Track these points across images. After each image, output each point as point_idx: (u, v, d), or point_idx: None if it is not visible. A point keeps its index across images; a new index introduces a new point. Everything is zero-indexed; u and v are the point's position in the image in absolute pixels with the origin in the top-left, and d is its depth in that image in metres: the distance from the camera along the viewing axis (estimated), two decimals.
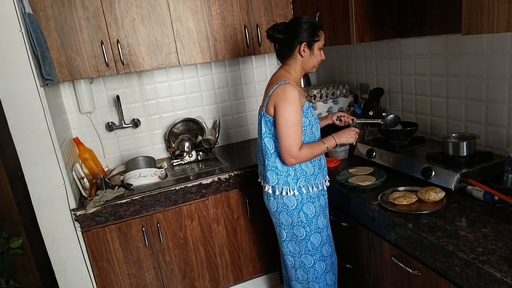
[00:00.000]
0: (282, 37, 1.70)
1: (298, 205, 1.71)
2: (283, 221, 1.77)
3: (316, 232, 1.75)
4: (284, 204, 1.72)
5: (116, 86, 2.58)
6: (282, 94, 1.61)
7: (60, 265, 2.04)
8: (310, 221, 1.73)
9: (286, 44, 1.71)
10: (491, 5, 1.24)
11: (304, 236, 1.75)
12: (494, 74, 1.71)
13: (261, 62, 2.92)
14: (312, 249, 1.77)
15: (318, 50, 1.71)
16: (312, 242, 1.76)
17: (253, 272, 2.49)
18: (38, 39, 1.85)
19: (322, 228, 1.77)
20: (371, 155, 2.05)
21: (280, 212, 1.75)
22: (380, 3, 2.00)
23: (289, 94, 1.60)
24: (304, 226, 1.73)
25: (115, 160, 2.67)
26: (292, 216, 1.73)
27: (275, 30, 1.70)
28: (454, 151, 1.70)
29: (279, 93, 1.62)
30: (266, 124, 1.70)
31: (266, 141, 1.70)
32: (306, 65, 1.73)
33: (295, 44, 1.68)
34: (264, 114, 1.70)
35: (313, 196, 1.72)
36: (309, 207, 1.72)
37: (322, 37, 1.71)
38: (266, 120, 1.69)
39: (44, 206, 1.95)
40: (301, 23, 1.67)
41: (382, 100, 2.38)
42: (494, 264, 1.13)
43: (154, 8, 2.23)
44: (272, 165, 1.71)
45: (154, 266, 2.23)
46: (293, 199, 1.70)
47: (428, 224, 1.40)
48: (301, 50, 1.68)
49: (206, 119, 2.84)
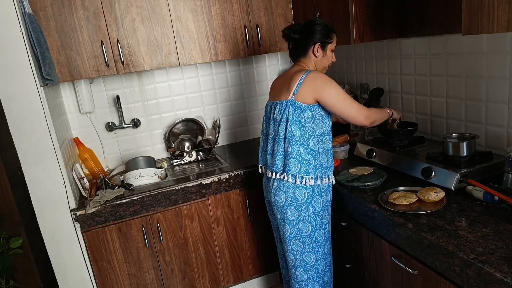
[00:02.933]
0: (298, 37, 1.78)
1: (308, 198, 1.72)
2: (289, 216, 1.77)
3: (320, 228, 1.77)
4: (294, 197, 1.73)
5: (116, 86, 2.58)
6: (319, 79, 1.68)
7: (60, 265, 2.04)
8: (317, 215, 1.75)
9: (301, 44, 1.79)
10: (491, 5, 1.24)
11: (310, 232, 1.76)
12: (494, 74, 1.71)
13: (261, 62, 2.92)
14: (315, 246, 1.78)
15: (331, 52, 1.80)
16: (317, 238, 1.78)
17: (253, 272, 2.49)
18: (38, 39, 1.85)
19: (326, 223, 1.80)
20: (371, 155, 2.05)
21: (288, 206, 1.75)
22: (380, 3, 2.00)
23: (324, 76, 1.69)
24: (311, 220, 1.75)
25: (115, 160, 2.67)
26: (300, 210, 1.74)
27: (291, 30, 1.78)
28: (454, 151, 1.70)
29: (315, 79, 1.68)
30: (294, 111, 1.69)
31: (293, 128, 1.69)
32: (318, 65, 1.81)
33: (309, 44, 1.76)
34: (292, 102, 1.70)
35: (323, 190, 1.76)
36: (318, 201, 1.74)
37: (335, 40, 1.80)
38: (295, 107, 1.69)
39: (44, 206, 1.95)
40: (316, 25, 1.75)
41: (382, 100, 2.38)
42: (494, 264, 1.13)
43: (154, 8, 2.23)
44: (296, 153, 1.70)
45: (154, 266, 2.23)
46: (305, 192, 1.72)
47: (428, 224, 1.40)
48: (315, 50, 1.76)
49: (206, 119, 2.84)
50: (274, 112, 1.79)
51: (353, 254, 1.89)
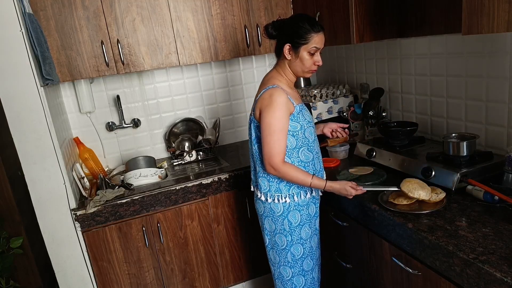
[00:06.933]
0: (275, 34, 1.61)
1: (284, 212, 1.65)
2: (267, 227, 1.73)
3: (298, 243, 1.68)
4: (271, 209, 1.67)
5: (116, 86, 2.58)
6: (268, 99, 1.53)
7: (60, 265, 2.04)
8: (293, 230, 1.66)
9: (277, 43, 1.63)
10: (491, 5, 1.24)
11: (285, 246, 1.69)
12: (494, 74, 1.71)
13: (261, 62, 2.92)
14: (291, 261, 1.70)
15: (308, 54, 1.55)
16: (293, 253, 1.69)
17: (253, 272, 2.49)
18: (38, 39, 1.85)
19: (305, 239, 1.69)
20: (371, 155, 2.05)
21: (265, 216, 1.71)
22: (380, 3, 2.00)
23: (274, 99, 1.51)
24: (286, 235, 1.67)
25: (115, 160, 2.67)
26: (276, 223, 1.68)
27: (270, 25, 1.62)
28: (454, 151, 1.70)
29: (266, 97, 1.55)
30: (255, 129, 1.63)
31: (257, 147, 1.64)
32: (294, 69, 1.61)
33: (281, 43, 1.59)
34: (252, 119, 1.64)
35: (302, 204, 1.65)
36: (295, 215, 1.65)
37: (314, 41, 1.53)
38: (254, 125, 1.63)
39: (44, 206, 1.95)
40: (293, 23, 1.55)
41: (382, 100, 2.38)
42: (494, 264, 1.13)
43: (154, 8, 2.23)
44: (263, 171, 1.64)
45: (154, 266, 2.23)
46: (280, 206, 1.65)
47: (428, 224, 1.40)
48: (285, 51, 1.57)
49: (206, 119, 2.84)
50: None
51: (353, 254, 1.89)
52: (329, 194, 1.87)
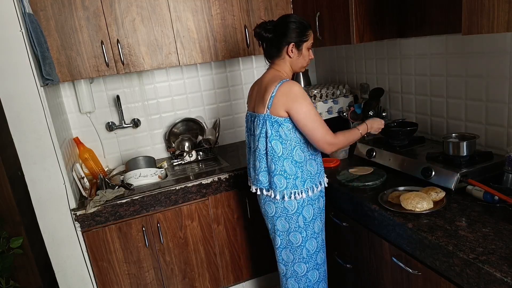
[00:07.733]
0: (270, 36, 1.65)
1: (298, 208, 1.67)
2: (279, 227, 1.74)
3: (312, 238, 1.73)
4: (284, 208, 1.69)
5: (116, 86, 2.58)
6: (291, 93, 1.56)
7: (60, 265, 2.04)
8: (307, 225, 1.70)
9: (274, 44, 1.66)
10: (491, 5, 1.24)
11: (300, 243, 1.72)
12: (494, 74, 1.71)
13: (261, 62, 2.92)
14: (306, 256, 1.74)
15: (307, 50, 1.67)
16: (308, 248, 1.73)
17: (253, 272, 2.49)
18: (38, 39, 1.85)
19: (318, 232, 1.75)
20: (371, 155, 2.05)
21: (278, 217, 1.72)
22: (380, 3, 2.00)
23: (297, 90, 1.57)
24: (301, 231, 1.70)
25: (115, 160, 2.67)
26: (290, 221, 1.70)
27: (262, 28, 1.65)
28: (454, 151, 1.70)
29: (287, 92, 1.56)
30: (272, 126, 1.61)
31: (273, 144, 1.62)
32: (294, 66, 1.70)
33: (283, 44, 1.63)
34: (269, 116, 1.61)
35: (314, 198, 1.70)
36: (309, 210, 1.70)
37: (311, 37, 1.66)
38: (272, 122, 1.60)
39: (44, 206, 1.95)
40: (290, 23, 1.61)
41: (382, 100, 2.38)
42: (494, 264, 1.13)
43: (154, 8, 2.23)
44: (280, 169, 1.63)
45: (154, 266, 2.23)
46: (294, 203, 1.67)
47: (428, 224, 1.40)
48: (289, 51, 1.64)
49: (206, 119, 2.84)
50: (254, 125, 1.70)
51: (353, 254, 1.89)
52: (329, 194, 1.88)
